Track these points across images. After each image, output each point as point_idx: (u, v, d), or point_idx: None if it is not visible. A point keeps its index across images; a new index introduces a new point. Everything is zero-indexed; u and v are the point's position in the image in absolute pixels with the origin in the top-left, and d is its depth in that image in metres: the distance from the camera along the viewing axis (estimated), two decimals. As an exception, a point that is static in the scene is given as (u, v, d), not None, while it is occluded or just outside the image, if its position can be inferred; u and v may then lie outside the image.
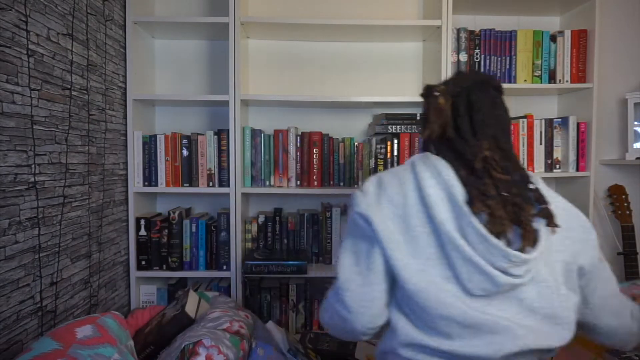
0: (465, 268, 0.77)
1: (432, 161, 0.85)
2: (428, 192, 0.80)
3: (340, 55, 2.05)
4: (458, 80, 0.91)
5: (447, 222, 0.78)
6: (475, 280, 0.76)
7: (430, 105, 0.90)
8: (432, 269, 0.79)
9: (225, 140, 1.78)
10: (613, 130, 2.12)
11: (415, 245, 0.80)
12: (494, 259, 0.75)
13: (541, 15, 2.08)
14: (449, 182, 0.80)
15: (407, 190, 0.83)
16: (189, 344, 1.09)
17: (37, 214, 1.21)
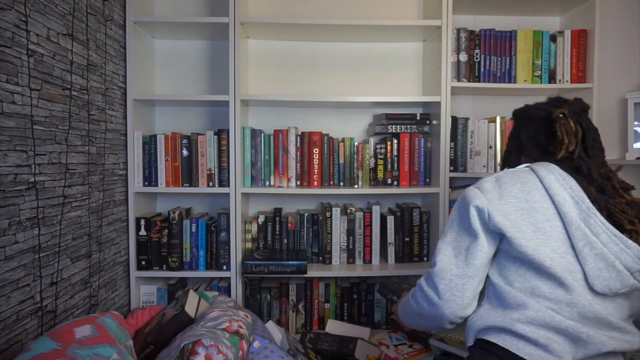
0: (595, 264, 0.81)
1: (554, 168, 0.90)
2: (556, 192, 0.85)
3: (340, 55, 2.05)
4: (571, 105, 1.00)
5: (578, 219, 0.82)
6: (603, 277, 0.80)
7: (561, 126, 0.96)
8: (561, 259, 0.83)
9: (225, 140, 1.78)
10: (613, 130, 2.12)
11: (543, 236, 0.84)
12: (627, 259, 0.80)
13: (541, 15, 2.09)
14: (574, 187, 0.86)
15: (531, 189, 0.89)
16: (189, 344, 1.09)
17: (37, 214, 1.21)
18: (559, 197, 0.85)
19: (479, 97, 2.10)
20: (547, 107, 1.02)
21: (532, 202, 0.87)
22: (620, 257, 0.80)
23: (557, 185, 0.87)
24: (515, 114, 1.14)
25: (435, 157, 1.86)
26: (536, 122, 1.04)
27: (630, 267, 0.81)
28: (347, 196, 2.10)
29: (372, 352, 1.57)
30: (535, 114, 1.05)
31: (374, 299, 1.91)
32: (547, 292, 0.84)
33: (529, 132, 1.05)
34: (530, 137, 1.05)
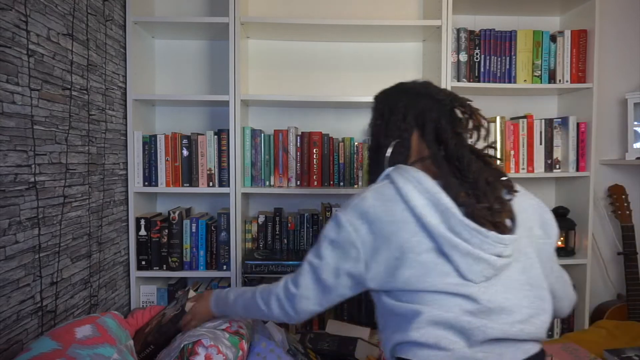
0: (464, 261, 0.84)
1: (411, 174, 0.91)
2: (415, 203, 0.87)
3: (340, 55, 2.05)
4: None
5: (440, 226, 0.86)
6: (475, 270, 0.84)
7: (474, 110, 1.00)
8: (431, 272, 0.86)
9: (225, 140, 1.78)
10: (613, 130, 2.12)
11: (413, 253, 0.87)
12: (489, 247, 0.84)
13: (541, 15, 2.09)
14: (431, 189, 0.88)
15: (393, 207, 0.90)
16: (188, 344, 1.09)
17: (37, 214, 1.21)
18: (418, 208, 0.87)
19: (479, 97, 2.10)
20: (446, 91, 1.01)
21: (397, 223, 0.88)
22: (484, 247, 0.84)
23: (415, 195, 0.88)
24: (410, 87, 1.05)
25: (435, 157, 1.86)
26: (441, 106, 0.99)
27: (495, 252, 0.85)
28: (347, 196, 2.10)
29: (372, 352, 1.57)
30: (438, 94, 1.00)
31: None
32: (431, 299, 0.86)
33: (433, 115, 0.99)
34: (434, 120, 0.98)
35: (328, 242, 0.94)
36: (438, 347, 0.83)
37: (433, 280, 0.85)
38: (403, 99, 1.04)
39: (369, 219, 0.91)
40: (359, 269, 0.91)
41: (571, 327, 1.95)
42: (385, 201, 0.91)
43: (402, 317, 0.88)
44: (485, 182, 0.90)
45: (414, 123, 1.01)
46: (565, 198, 2.05)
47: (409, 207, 0.88)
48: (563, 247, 1.93)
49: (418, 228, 0.87)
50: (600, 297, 2.10)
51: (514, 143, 1.89)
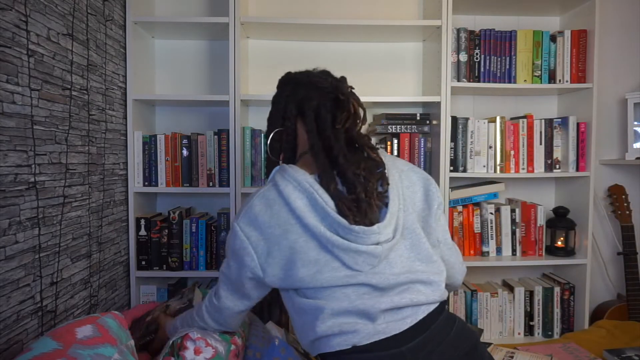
0: (348, 257, 0.89)
1: (290, 173, 0.94)
2: (295, 206, 0.91)
3: (340, 55, 2.05)
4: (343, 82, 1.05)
5: (319, 225, 0.89)
6: (358, 262, 0.89)
7: (353, 98, 1.02)
8: (323, 269, 0.90)
9: (225, 140, 1.78)
10: (613, 130, 2.12)
11: (303, 253, 0.91)
12: (365, 239, 0.88)
13: (541, 15, 2.09)
14: (309, 188, 0.91)
15: (279, 211, 0.93)
16: (177, 339, 1.10)
17: (37, 214, 1.21)
18: (298, 210, 0.90)
19: (479, 97, 2.10)
20: (330, 79, 1.02)
21: (283, 226, 0.92)
22: (359, 241, 0.88)
23: (295, 195, 0.91)
24: (292, 77, 1.06)
25: (435, 157, 1.86)
26: (322, 94, 0.99)
27: (371, 242, 0.89)
28: (347, 196, 2.10)
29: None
30: (319, 82, 1.00)
31: (374, 299, 1.91)
32: (329, 293, 0.91)
33: (313, 103, 0.99)
34: (314, 108, 0.99)
35: (230, 251, 0.98)
36: (343, 333, 0.88)
37: (325, 276, 0.89)
38: (285, 88, 1.05)
39: (258, 224, 0.93)
40: (257, 273, 0.95)
41: (571, 327, 1.95)
42: (270, 206, 0.94)
43: (309, 314, 0.92)
44: (353, 174, 0.93)
45: (296, 112, 1.02)
46: (565, 198, 2.05)
47: (290, 209, 0.91)
48: (563, 247, 1.93)
49: (302, 229, 0.91)
50: (600, 297, 2.11)
51: (514, 143, 1.89)
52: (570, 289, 1.94)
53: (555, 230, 1.94)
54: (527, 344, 1.76)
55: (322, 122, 0.97)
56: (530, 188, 2.13)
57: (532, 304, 1.94)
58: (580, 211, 1.94)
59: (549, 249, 1.95)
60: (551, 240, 1.95)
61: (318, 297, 0.91)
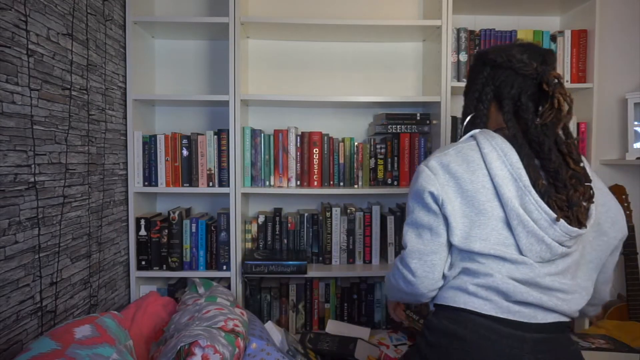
0: (527, 240, 0.89)
1: (497, 142, 0.93)
2: (496, 172, 0.91)
3: (340, 55, 2.05)
4: (552, 60, 0.98)
5: (513, 200, 0.89)
6: (535, 250, 0.89)
7: (560, 94, 0.92)
8: (494, 238, 0.91)
9: (225, 140, 1.78)
10: (613, 130, 2.12)
11: (484, 217, 0.92)
12: (554, 234, 0.88)
13: (541, 15, 2.08)
14: (515, 164, 0.90)
15: (475, 169, 0.93)
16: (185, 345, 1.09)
17: (37, 214, 1.21)
18: (498, 178, 0.90)
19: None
20: (535, 65, 0.94)
21: (476, 184, 0.92)
22: (549, 232, 0.88)
23: (498, 164, 0.91)
24: (495, 55, 1.00)
25: (435, 157, 1.86)
26: (523, 81, 0.96)
27: (558, 240, 0.88)
28: (347, 196, 2.10)
29: (372, 352, 1.57)
30: (522, 69, 0.95)
31: (374, 299, 1.91)
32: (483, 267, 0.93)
33: (513, 92, 0.96)
34: (513, 96, 0.97)
35: (412, 195, 1.00)
36: (478, 297, 0.92)
37: (494, 247, 0.90)
38: (484, 69, 1.02)
39: (450, 170, 0.95)
40: (437, 196, 0.95)
41: (571, 327, 1.95)
42: (468, 162, 0.94)
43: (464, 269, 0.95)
44: (568, 176, 0.91)
45: (492, 96, 1.00)
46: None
47: (490, 174, 0.91)
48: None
49: (493, 195, 0.91)
50: (601, 297, 2.10)
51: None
52: (571, 289, 1.94)
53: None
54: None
55: (523, 111, 0.95)
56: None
57: (532, 304, 1.94)
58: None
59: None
60: (551, 240, 1.95)
61: (477, 261, 0.93)
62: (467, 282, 0.93)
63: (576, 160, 0.93)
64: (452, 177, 0.94)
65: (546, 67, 0.94)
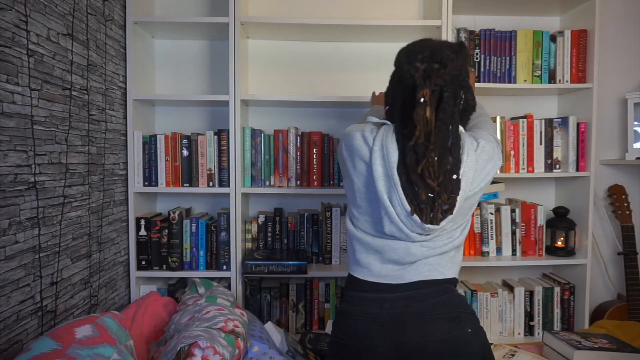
0: (389, 227, 0.98)
1: (387, 144, 0.98)
2: (375, 168, 0.98)
3: (341, 55, 2.05)
4: (439, 75, 0.94)
5: (384, 194, 0.96)
6: (396, 234, 0.99)
7: (417, 112, 0.92)
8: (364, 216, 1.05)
9: (225, 140, 1.78)
10: (613, 130, 2.12)
11: (358, 194, 1.04)
12: (413, 227, 0.96)
13: (541, 15, 2.08)
14: (391, 165, 0.96)
15: (362, 156, 1.02)
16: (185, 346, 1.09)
17: (37, 214, 1.21)
18: (376, 174, 0.97)
19: (479, 97, 2.07)
20: (417, 79, 0.94)
21: (357, 168, 1.04)
22: (408, 225, 0.96)
23: (379, 163, 0.98)
24: (396, 60, 1.04)
25: (435, 157, 1.86)
26: (405, 89, 0.98)
27: (416, 232, 0.97)
28: (347, 196, 2.10)
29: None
30: (405, 78, 0.97)
31: (374, 299, 1.91)
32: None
33: (399, 94, 1.02)
34: (400, 98, 1.01)
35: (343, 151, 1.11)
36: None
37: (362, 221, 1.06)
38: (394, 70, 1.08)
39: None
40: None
41: (571, 327, 1.95)
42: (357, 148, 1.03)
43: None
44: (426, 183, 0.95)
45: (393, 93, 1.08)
46: (565, 198, 2.05)
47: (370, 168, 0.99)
48: (563, 247, 1.93)
49: (366, 182, 1.02)
50: (600, 297, 2.10)
51: (514, 143, 1.89)
52: (571, 289, 1.94)
53: (555, 230, 1.94)
54: (527, 344, 1.76)
55: (403, 113, 1.01)
56: (530, 188, 2.13)
57: (532, 304, 1.94)
58: (580, 211, 1.94)
59: (549, 249, 1.95)
60: (551, 240, 1.95)
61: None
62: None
63: (432, 177, 0.94)
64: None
65: (427, 83, 0.93)
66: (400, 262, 1.03)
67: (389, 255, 1.03)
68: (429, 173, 0.93)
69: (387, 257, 1.03)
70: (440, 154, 0.93)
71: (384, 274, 1.04)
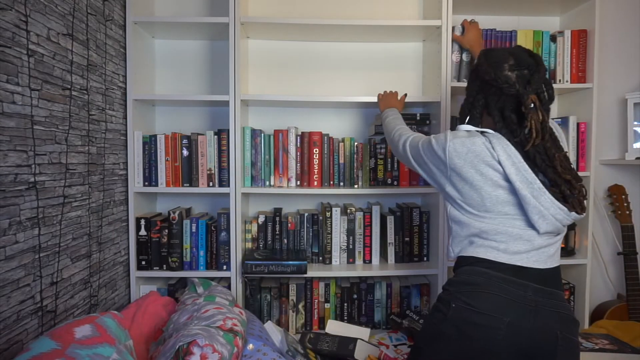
0: (538, 219, 1.02)
1: (511, 150, 1.04)
2: (512, 178, 1.03)
3: (340, 55, 2.05)
4: (536, 80, 1.05)
5: (531, 198, 1.02)
6: (543, 226, 1.03)
7: (531, 116, 1.02)
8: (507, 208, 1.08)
9: (225, 140, 1.78)
10: (613, 130, 2.12)
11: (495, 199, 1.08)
12: (566, 220, 1.03)
13: (541, 15, 2.08)
14: (526, 170, 1.03)
15: (488, 163, 1.07)
16: (183, 344, 1.09)
17: (37, 214, 1.21)
18: (516, 182, 1.03)
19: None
20: (518, 87, 1.04)
21: (485, 176, 1.08)
22: (558, 217, 1.04)
23: (513, 171, 1.03)
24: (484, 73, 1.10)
25: (435, 157, 1.86)
26: (506, 98, 1.07)
27: (565, 223, 1.05)
28: (347, 196, 2.10)
29: (372, 352, 1.57)
30: (506, 89, 1.06)
31: (374, 299, 1.91)
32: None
33: (498, 105, 1.09)
34: (499, 109, 1.09)
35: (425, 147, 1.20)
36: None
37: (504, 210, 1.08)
38: (476, 80, 1.14)
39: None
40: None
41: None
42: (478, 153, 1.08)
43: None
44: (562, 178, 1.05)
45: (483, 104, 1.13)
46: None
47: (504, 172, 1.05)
48: (563, 247, 1.93)
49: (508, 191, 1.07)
50: (600, 297, 2.10)
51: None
52: (570, 289, 1.94)
53: (555, 231, 1.93)
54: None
55: (508, 123, 1.07)
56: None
57: (532, 304, 1.94)
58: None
59: (549, 249, 1.95)
60: (551, 240, 1.95)
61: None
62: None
63: (567, 172, 1.06)
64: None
65: (528, 89, 1.03)
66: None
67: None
68: (563, 168, 1.04)
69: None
70: (561, 152, 1.07)
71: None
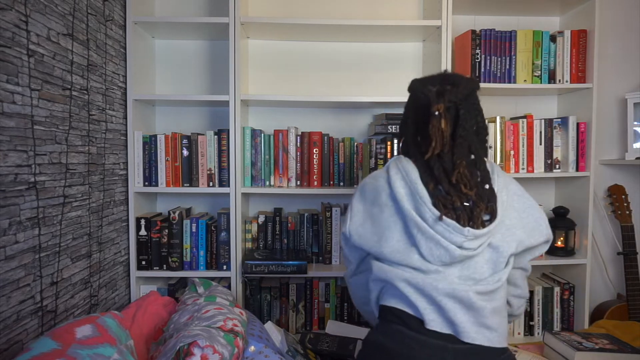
0: (427, 245, 0.98)
1: (403, 165, 1.05)
2: (397, 191, 1.02)
3: (341, 55, 2.05)
4: (452, 93, 1.02)
5: (413, 211, 0.99)
6: (435, 254, 0.97)
7: (432, 124, 1.01)
8: (401, 246, 1.02)
9: (225, 140, 1.78)
10: (613, 130, 2.12)
11: (389, 231, 1.03)
12: (449, 236, 0.95)
13: (541, 15, 2.09)
14: (414, 180, 1.01)
15: (381, 192, 1.07)
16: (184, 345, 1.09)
17: (38, 214, 1.21)
18: (399, 195, 1.01)
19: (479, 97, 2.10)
20: (430, 97, 1.03)
21: (381, 206, 1.05)
22: (445, 235, 0.96)
23: (400, 185, 1.03)
24: (410, 88, 1.12)
25: (435, 157, 1.86)
26: (420, 109, 1.06)
27: (455, 241, 0.95)
28: (347, 196, 2.10)
29: (372, 352, 1.57)
30: (420, 98, 1.05)
31: (374, 298, 1.91)
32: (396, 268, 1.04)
33: (417, 118, 1.09)
34: (413, 121, 1.10)
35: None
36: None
37: (400, 256, 1.01)
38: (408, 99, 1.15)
39: (364, 200, 1.11)
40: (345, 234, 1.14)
41: (571, 327, 1.95)
42: (377, 188, 1.08)
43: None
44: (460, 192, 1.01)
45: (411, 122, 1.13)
46: (565, 198, 2.05)
47: (392, 193, 1.04)
48: (563, 247, 1.93)
49: (396, 210, 1.03)
50: (600, 297, 2.11)
51: (514, 143, 1.89)
52: (570, 289, 1.94)
53: (555, 230, 1.94)
54: (527, 344, 1.76)
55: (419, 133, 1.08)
56: (530, 188, 2.13)
57: (532, 304, 1.94)
58: (580, 211, 1.94)
59: (548, 249, 1.95)
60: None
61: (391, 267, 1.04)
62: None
63: (468, 187, 1.00)
64: (366, 206, 1.10)
65: (440, 99, 1.02)
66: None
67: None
68: (464, 183, 0.99)
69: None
70: (467, 166, 1.01)
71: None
